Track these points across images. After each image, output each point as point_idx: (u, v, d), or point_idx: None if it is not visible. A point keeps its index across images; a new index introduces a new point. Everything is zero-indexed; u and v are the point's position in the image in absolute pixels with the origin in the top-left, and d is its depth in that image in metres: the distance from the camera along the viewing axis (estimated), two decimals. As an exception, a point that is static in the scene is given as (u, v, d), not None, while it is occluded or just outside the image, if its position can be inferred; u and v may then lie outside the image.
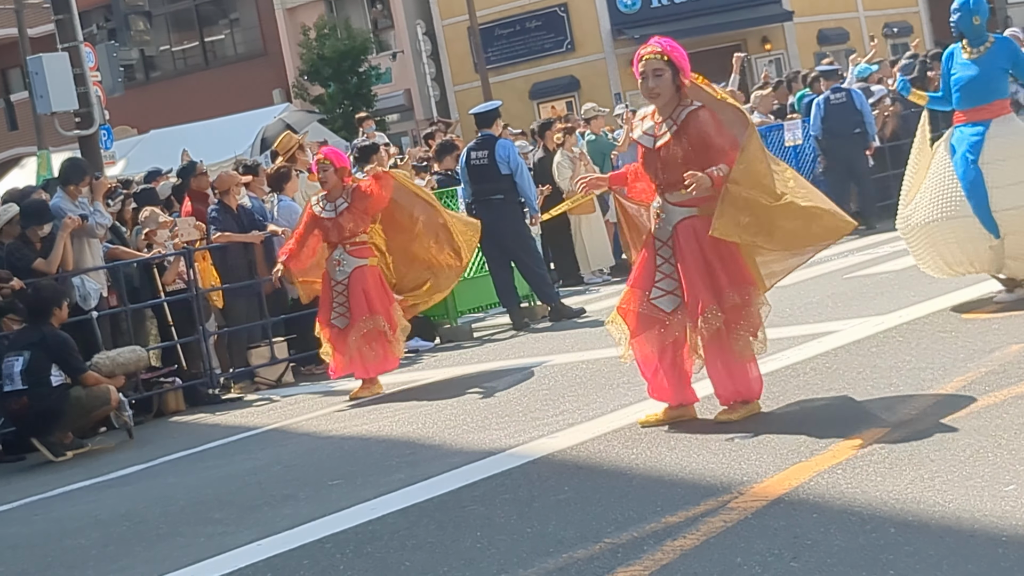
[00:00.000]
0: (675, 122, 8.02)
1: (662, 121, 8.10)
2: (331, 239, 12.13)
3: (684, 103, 8.04)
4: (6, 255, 12.67)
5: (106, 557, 7.56)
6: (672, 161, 7.99)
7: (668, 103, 8.06)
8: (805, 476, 6.52)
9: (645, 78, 8.04)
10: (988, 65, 10.88)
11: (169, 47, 53.05)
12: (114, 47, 24.92)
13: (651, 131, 8.15)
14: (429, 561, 6.22)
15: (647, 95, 8.14)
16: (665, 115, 8.08)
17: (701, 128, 7.95)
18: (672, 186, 8.04)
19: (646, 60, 8.02)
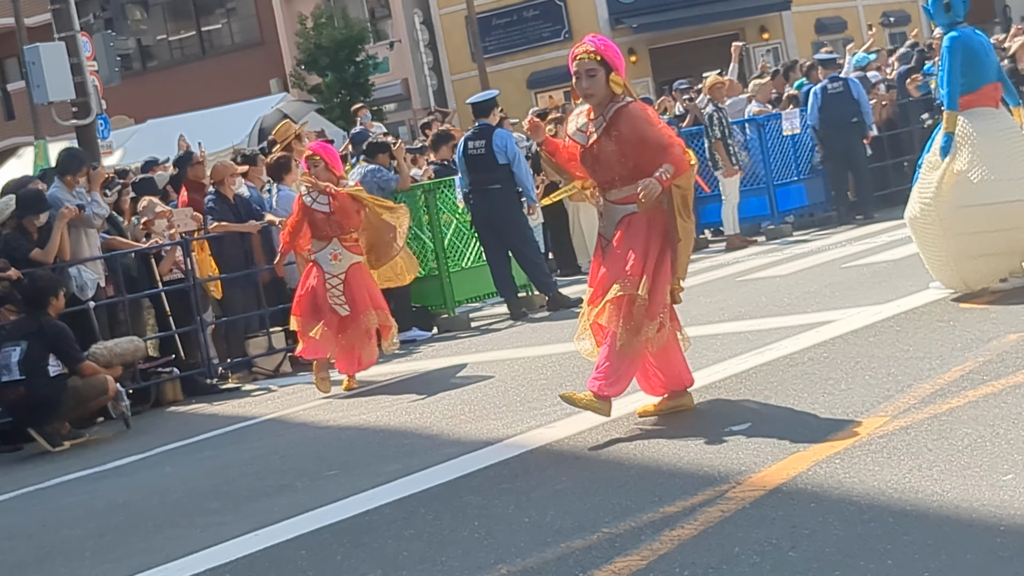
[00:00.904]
0: (604, 119, 8.01)
1: (595, 119, 8.09)
2: (324, 233, 12.04)
3: (616, 100, 8.01)
4: (3, 245, 12.66)
5: (103, 547, 7.56)
6: (605, 159, 8.01)
7: (602, 102, 8.03)
8: (803, 466, 6.51)
9: (579, 78, 8.00)
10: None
11: (166, 36, 53.04)
12: (111, 36, 24.85)
13: (584, 128, 8.15)
14: (426, 551, 6.22)
15: (581, 95, 8.10)
16: (599, 112, 8.07)
17: (632, 123, 7.92)
18: (609, 184, 8.11)
19: (579, 60, 7.99)
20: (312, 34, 44.26)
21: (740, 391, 8.65)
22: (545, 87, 44.63)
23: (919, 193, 10.78)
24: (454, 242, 16.33)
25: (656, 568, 5.38)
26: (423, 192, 16.00)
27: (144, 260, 13.96)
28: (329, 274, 11.98)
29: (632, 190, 7.88)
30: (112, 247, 13.64)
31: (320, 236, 12.07)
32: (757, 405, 8.12)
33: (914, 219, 10.80)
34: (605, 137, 7.98)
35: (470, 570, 5.79)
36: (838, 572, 5.00)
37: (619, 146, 7.94)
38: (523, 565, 5.72)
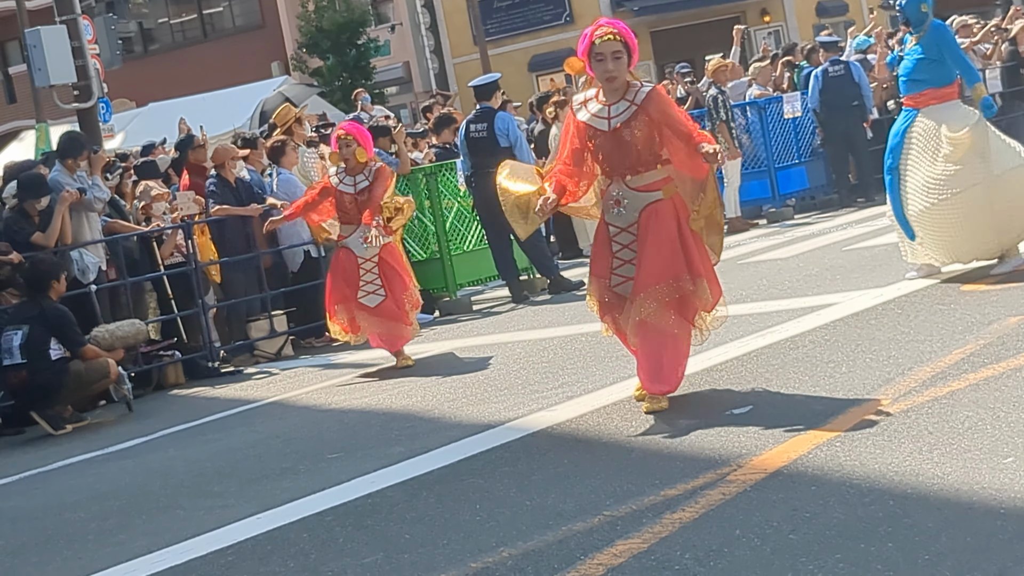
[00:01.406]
0: (632, 102, 7.78)
1: (614, 103, 7.83)
2: (352, 216, 11.72)
3: (635, 84, 7.85)
4: (4, 228, 12.67)
5: (106, 530, 7.58)
6: (632, 144, 7.78)
7: (620, 86, 7.82)
8: (804, 449, 6.52)
9: (603, 60, 7.72)
10: (919, 54, 10.98)
11: (167, 19, 52.94)
12: (112, 20, 24.85)
13: (602, 114, 7.86)
14: (429, 534, 6.23)
15: (602, 77, 7.79)
16: (617, 97, 7.82)
17: (661, 107, 7.77)
18: (631, 170, 7.85)
19: (604, 41, 7.71)
20: (313, 17, 44.16)
21: (741, 374, 8.66)
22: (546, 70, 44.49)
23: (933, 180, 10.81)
24: (456, 225, 16.33)
25: (657, 551, 5.39)
26: (424, 175, 16.00)
27: (145, 244, 13.97)
28: (362, 259, 11.68)
29: (656, 176, 7.83)
30: (113, 230, 13.64)
31: (347, 220, 11.76)
32: (758, 388, 8.13)
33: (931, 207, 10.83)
34: (635, 121, 7.74)
35: (472, 553, 5.81)
36: (839, 555, 5.01)
37: (648, 131, 7.75)
38: (525, 548, 5.73)
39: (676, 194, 7.85)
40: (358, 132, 11.98)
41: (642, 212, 7.82)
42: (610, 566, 5.32)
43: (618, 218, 7.93)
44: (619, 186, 7.90)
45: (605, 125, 7.83)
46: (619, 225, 7.93)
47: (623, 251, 7.93)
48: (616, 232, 7.94)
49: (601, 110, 7.87)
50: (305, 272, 14.97)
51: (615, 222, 7.95)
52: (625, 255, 7.92)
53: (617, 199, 7.91)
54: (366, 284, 11.65)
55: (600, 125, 7.85)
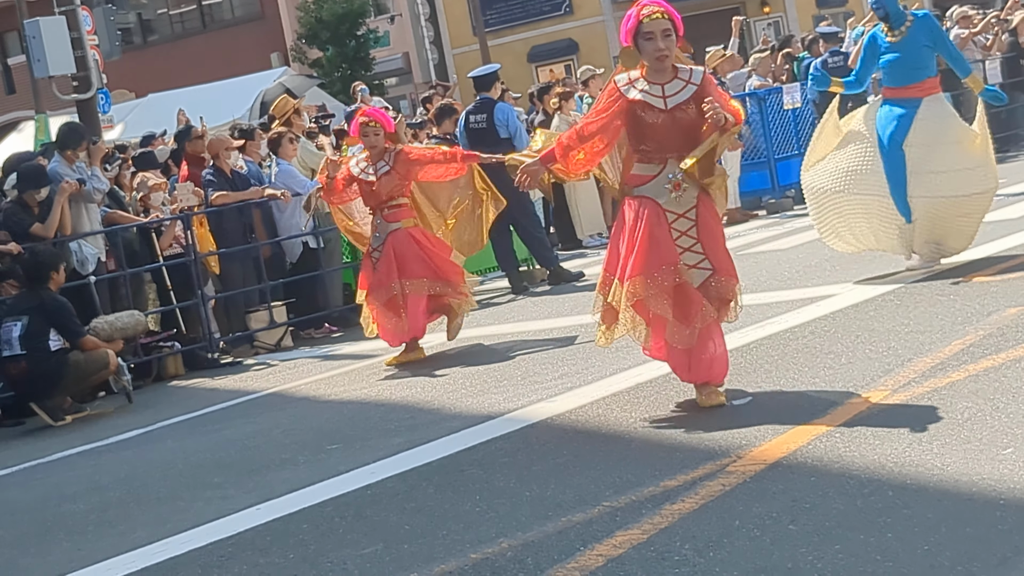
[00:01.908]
0: (688, 82, 7.50)
1: (667, 82, 7.52)
2: (369, 203, 11.59)
3: (683, 65, 7.59)
4: (4, 219, 12.66)
5: (105, 521, 7.58)
6: (688, 123, 7.46)
7: (668, 67, 7.52)
8: (803, 440, 6.53)
9: (653, 38, 7.40)
10: (911, 44, 11.03)
11: (167, 10, 52.90)
12: (111, 10, 24.82)
13: (656, 92, 7.51)
14: (428, 524, 6.24)
15: (656, 56, 7.44)
16: (667, 76, 7.52)
17: (711, 89, 7.51)
18: (687, 150, 7.46)
19: (653, 20, 7.42)
20: (313, 8, 44.16)
21: (741, 365, 8.65)
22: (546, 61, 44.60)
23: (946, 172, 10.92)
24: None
25: (657, 542, 5.39)
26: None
27: (145, 235, 13.97)
28: (372, 247, 11.57)
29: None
30: (113, 221, 13.64)
31: (368, 207, 11.65)
32: (757, 379, 8.13)
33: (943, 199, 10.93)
34: (693, 101, 7.44)
35: (471, 543, 5.81)
36: (838, 546, 5.02)
37: (698, 112, 7.41)
38: (524, 539, 5.74)
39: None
40: (381, 116, 11.73)
41: (700, 195, 7.56)
42: (610, 557, 5.32)
43: (675, 203, 7.53)
44: (676, 167, 7.52)
45: (661, 103, 7.50)
46: (676, 211, 7.53)
47: (682, 238, 7.51)
48: (674, 219, 7.53)
49: (653, 89, 7.53)
50: (304, 263, 14.96)
51: (672, 208, 7.53)
52: (685, 242, 7.51)
53: (677, 182, 7.51)
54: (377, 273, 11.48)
55: (656, 103, 7.50)
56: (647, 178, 7.59)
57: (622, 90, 7.61)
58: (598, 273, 7.98)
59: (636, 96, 7.54)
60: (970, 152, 10.93)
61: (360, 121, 11.63)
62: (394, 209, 11.49)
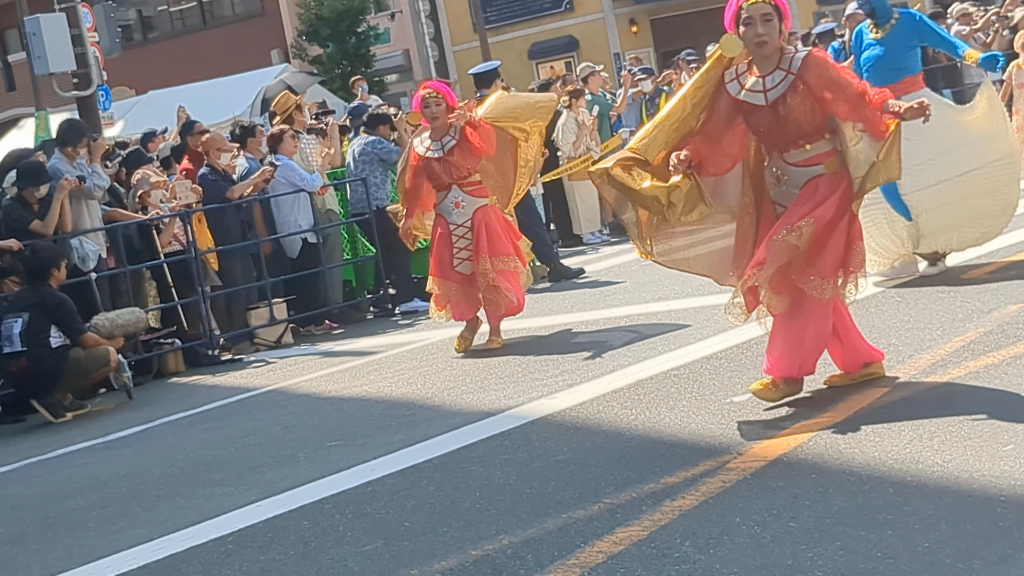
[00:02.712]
0: (788, 71, 7.09)
1: (768, 73, 7.13)
2: (442, 181, 11.09)
3: (789, 50, 7.19)
4: (4, 216, 12.66)
5: (106, 518, 7.58)
6: (791, 116, 7.08)
7: (772, 53, 7.12)
8: (804, 436, 6.53)
9: (752, 23, 7.04)
10: (894, 42, 10.85)
11: (167, 7, 52.87)
12: (111, 7, 24.79)
13: (757, 87, 7.14)
14: (428, 522, 6.23)
15: (755, 42, 7.07)
16: (771, 66, 7.13)
17: (821, 71, 7.05)
18: (791, 144, 7.15)
19: (752, 4, 7.07)
20: (313, 5, 44.13)
21: (741, 361, 8.65)
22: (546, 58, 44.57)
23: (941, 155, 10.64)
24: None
25: (657, 538, 5.39)
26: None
27: (144, 232, 13.96)
28: (454, 224, 11.11)
29: (820, 148, 7.15)
30: (113, 219, 13.63)
31: (439, 185, 11.16)
32: (758, 375, 8.10)
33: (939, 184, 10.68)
34: (792, 92, 7.05)
35: (472, 540, 5.81)
36: (838, 542, 5.01)
37: (809, 100, 7.04)
38: (524, 536, 5.74)
39: (841, 169, 7.18)
40: (442, 88, 11.33)
41: (803, 188, 7.17)
42: (610, 554, 5.32)
43: (781, 196, 7.29)
44: (777, 162, 7.27)
45: (761, 99, 7.14)
46: (784, 204, 7.26)
47: None
48: (782, 212, 7.26)
49: (755, 83, 7.17)
50: (304, 259, 14.96)
51: (780, 200, 7.29)
52: None
53: (777, 176, 7.26)
54: (459, 251, 11.12)
55: (756, 100, 7.15)
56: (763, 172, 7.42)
57: (726, 82, 7.27)
58: (598, 270, 7.96)
59: (739, 95, 7.22)
60: (968, 129, 10.68)
61: (421, 94, 11.22)
62: (474, 185, 11.16)
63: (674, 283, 12.59)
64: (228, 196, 14.25)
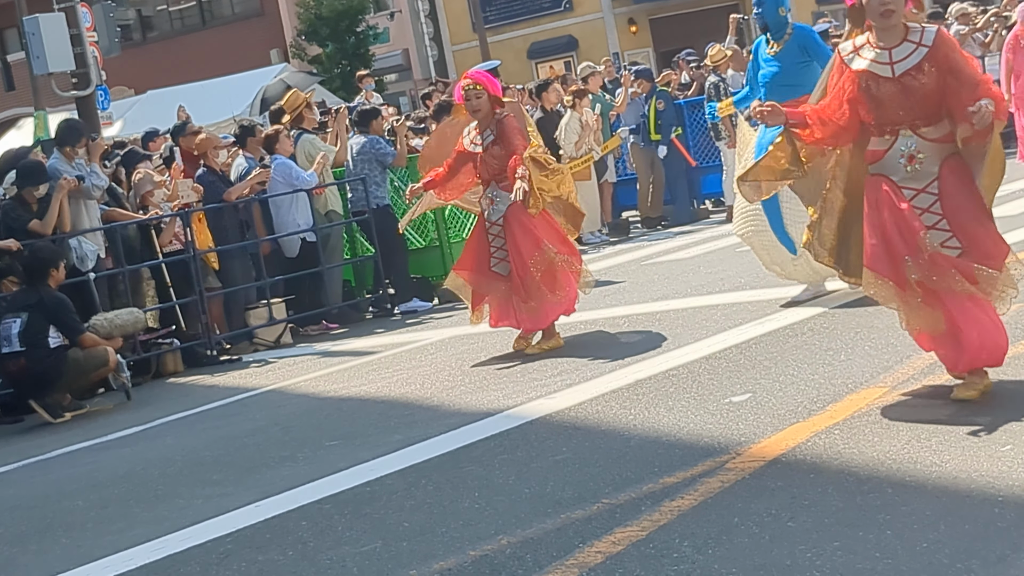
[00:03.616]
0: (919, 44, 6.72)
1: (895, 46, 6.76)
2: (483, 176, 10.64)
3: (915, 25, 6.82)
4: (2, 216, 12.66)
5: (105, 518, 7.58)
6: (921, 90, 6.68)
7: (897, 25, 6.76)
8: (802, 437, 6.53)
9: None
10: (787, 59, 10.41)
11: (166, 7, 52.88)
12: (111, 7, 24.79)
13: (882, 59, 6.77)
14: (427, 522, 6.23)
15: (880, 11, 6.71)
16: (896, 39, 6.76)
17: (948, 50, 6.70)
18: (924, 120, 6.74)
19: None
20: (312, 4, 44.14)
21: (740, 362, 8.66)
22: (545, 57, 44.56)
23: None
24: (454, 212, 16.30)
25: (656, 538, 5.39)
26: (424, 163, 15.97)
27: (144, 232, 13.96)
28: (489, 222, 10.65)
29: (947, 127, 6.74)
30: (112, 218, 13.62)
31: (482, 181, 10.69)
32: (757, 376, 8.13)
33: None
34: (925, 65, 6.67)
35: (470, 540, 5.81)
36: (837, 543, 5.02)
37: (939, 76, 6.67)
38: (523, 536, 5.74)
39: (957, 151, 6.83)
40: (485, 79, 10.66)
41: (942, 167, 6.76)
42: (609, 554, 5.32)
43: (911, 177, 6.78)
44: (910, 139, 6.79)
45: (888, 71, 6.76)
46: (915, 187, 6.77)
47: (925, 215, 6.74)
48: (912, 195, 6.77)
49: (880, 55, 6.80)
50: (303, 259, 14.95)
51: (909, 183, 6.79)
52: (928, 220, 6.74)
53: (911, 155, 6.77)
54: (496, 251, 10.62)
55: (883, 71, 6.77)
56: (879, 154, 6.90)
57: (845, 60, 6.95)
58: (597, 270, 7.96)
59: (861, 66, 6.86)
60: None
61: (462, 85, 10.71)
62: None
63: (674, 283, 12.61)
64: (225, 198, 14.25)
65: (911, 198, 6.74)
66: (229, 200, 14.26)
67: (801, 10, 43.26)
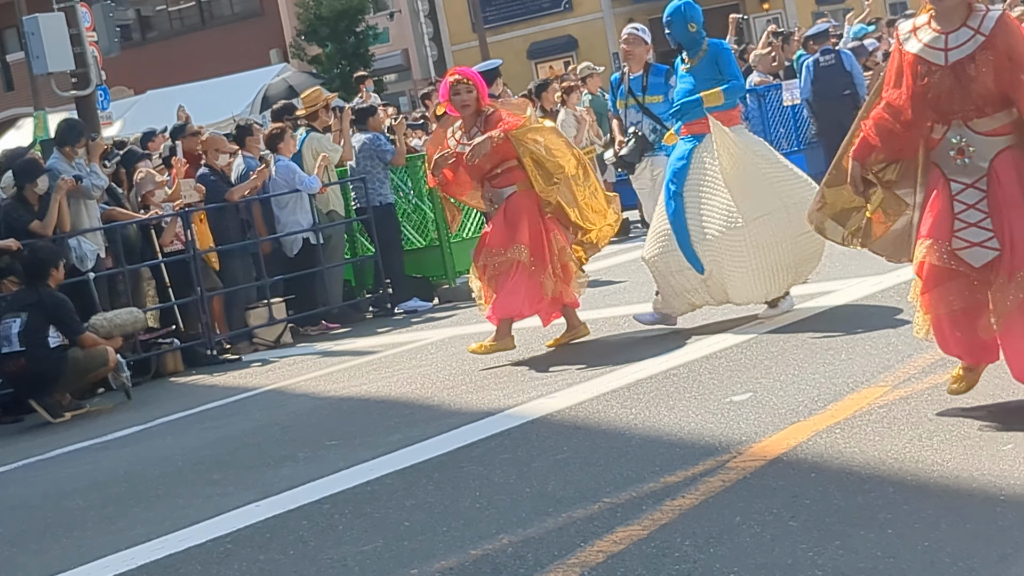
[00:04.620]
0: (977, 31, 6.25)
1: (952, 30, 6.31)
2: (474, 176, 10.40)
3: (979, 8, 6.31)
4: (2, 216, 12.65)
5: (105, 518, 7.57)
6: (978, 79, 6.22)
7: (956, 7, 6.31)
8: (803, 436, 6.52)
9: None
10: (701, 74, 10.29)
11: (165, 7, 52.93)
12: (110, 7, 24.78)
13: (937, 44, 6.32)
14: (428, 521, 6.23)
15: None
16: (955, 23, 6.31)
17: (1008, 35, 6.23)
18: (976, 111, 6.30)
19: None
20: (312, 4, 44.16)
21: (741, 361, 8.65)
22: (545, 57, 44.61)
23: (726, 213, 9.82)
24: (454, 213, 16.29)
25: (657, 538, 5.38)
26: (423, 162, 15.97)
27: (145, 231, 13.95)
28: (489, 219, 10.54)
29: (1007, 118, 6.31)
30: (112, 218, 13.61)
31: (475, 180, 10.46)
32: (758, 375, 8.12)
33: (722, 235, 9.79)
34: (981, 55, 6.22)
35: (472, 540, 5.80)
36: (838, 542, 5.01)
37: (998, 65, 6.21)
38: (524, 535, 5.73)
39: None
40: (475, 76, 10.44)
41: (994, 162, 6.33)
42: (610, 553, 5.31)
43: (961, 171, 6.39)
44: (960, 130, 6.37)
45: (941, 58, 6.31)
46: (964, 181, 6.38)
47: (968, 212, 6.36)
48: (960, 189, 6.39)
49: (936, 39, 6.35)
50: (303, 258, 14.93)
51: (958, 176, 6.39)
52: (971, 216, 6.34)
53: (960, 148, 6.37)
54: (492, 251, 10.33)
55: (935, 58, 6.33)
56: (935, 142, 6.52)
57: (902, 40, 6.50)
58: (598, 269, 7.95)
59: (914, 49, 6.41)
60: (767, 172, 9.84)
61: (449, 80, 10.32)
62: (499, 176, 10.26)
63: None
64: (227, 198, 14.24)
65: (958, 192, 6.38)
66: (232, 200, 14.25)
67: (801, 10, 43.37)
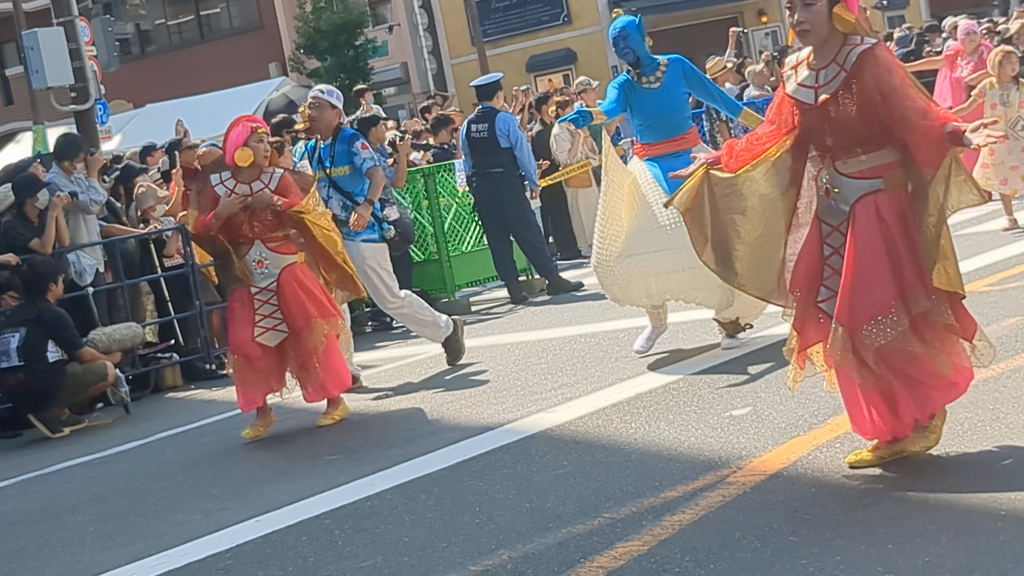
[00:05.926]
0: (843, 67, 5.95)
1: (823, 67, 6.02)
2: (243, 233, 9.50)
3: (851, 41, 5.97)
4: (2, 232, 12.65)
5: (104, 533, 7.56)
6: (845, 119, 5.95)
7: (824, 42, 6.00)
8: (804, 450, 6.52)
9: (792, 8, 5.96)
10: (674, 91, 9.97)
11: (165, 21, 52.99)
12: (110, 21, 24.80)
13: (809, 82, 6.06)
14: (428, 537, 6.22)
15: (795, 31, 6.00)
16: (825, 60, 6.02)
17: (877, 72, 5.87)
18: (846, 151, 6.00)
19: None
20: (311, 18, 44.21)
21: (741, 374, 8.64)
22: (544, 70, 44.62)
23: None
24: (454, 226, 16.33)
25: (657, 553, 5.38)
26: (422, 176, 16.00)
27: (144, 246, 13.95)
28: (256, 288, 9.48)
29: (880, 159, 5.97)
30: (111, 234, 13.61)
31: (239, 238, 9.51)
32: (757, 389, 8.12)
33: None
34: (844, 92, 5.91)
35: (471, 555, 5.80)
36: (839, 557, 5.00)
37: (866, 103, 5.89)
38: (524, 550, 5.72)
39: (903, 185, 6.01)
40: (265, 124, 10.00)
41: (855, 205, 6.01)
42: (610, 569, 5.31)
43: (829, 213, 6.12)
44: (829, 171, 6.10)
45: (811, 97, 6.04)
46: (831, 223, 6.11)
47: (834, 256, 6.10)
48: (828, 232, 6.13)
49: (808, 77, 6.08)
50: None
51: (827, 218, 6.13)
52: (836, 262, 6.07)
53: (827, 188, 6.11)
54: (263, 319, 9.49)
55: (806, 97, 6.07)
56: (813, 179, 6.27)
57: (785, 77, 6.27)
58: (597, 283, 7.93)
59: (790, 89, 6.16)
60: None
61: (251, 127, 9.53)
62: (280, 241, 9.60)
63: (673, 296, 12.56)
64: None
65: (827, 235, 6.12)
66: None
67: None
